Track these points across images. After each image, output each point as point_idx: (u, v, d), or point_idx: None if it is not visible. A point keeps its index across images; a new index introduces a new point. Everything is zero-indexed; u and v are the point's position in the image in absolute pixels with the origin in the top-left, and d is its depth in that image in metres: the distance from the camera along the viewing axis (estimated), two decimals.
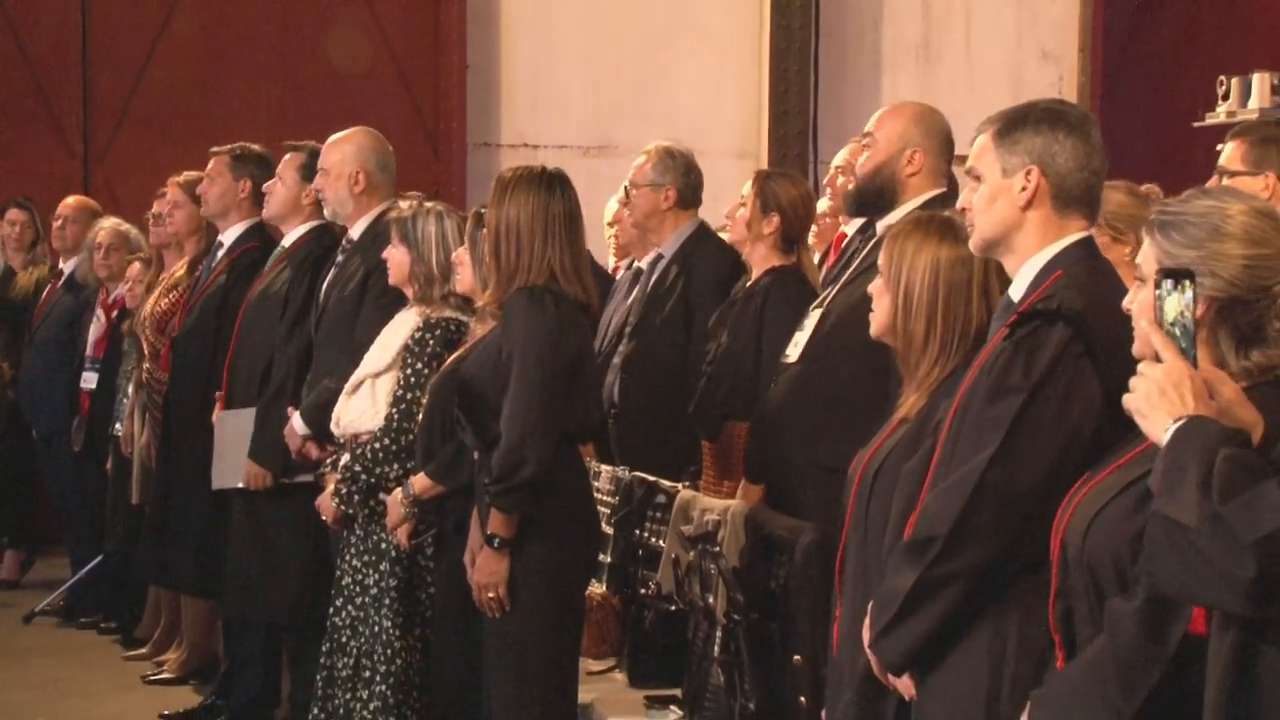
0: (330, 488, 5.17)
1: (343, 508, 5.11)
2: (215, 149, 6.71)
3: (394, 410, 5.04)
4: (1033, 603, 2.96)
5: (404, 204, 5.39)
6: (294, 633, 5.91)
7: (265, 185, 6.24)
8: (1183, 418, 2.44)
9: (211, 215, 6.70)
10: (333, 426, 5.28)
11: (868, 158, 4.65)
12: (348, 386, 5.25)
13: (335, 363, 5.50)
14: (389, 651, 5.07)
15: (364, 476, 5.06)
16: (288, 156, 6.18)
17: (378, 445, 5.04)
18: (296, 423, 5.63)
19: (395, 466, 5.02)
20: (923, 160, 4.59)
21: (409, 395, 5.02)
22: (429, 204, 5.37)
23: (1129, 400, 2.52)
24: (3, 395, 8.52)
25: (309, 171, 6.00)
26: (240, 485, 5.91)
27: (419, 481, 4.83)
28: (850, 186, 4.95)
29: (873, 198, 4.62)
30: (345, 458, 5.14)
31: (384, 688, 5.06)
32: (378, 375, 5.17)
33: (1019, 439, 3.01)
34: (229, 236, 6.58)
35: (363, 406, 5.18)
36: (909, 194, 4.55)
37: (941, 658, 3.11)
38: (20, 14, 10.06)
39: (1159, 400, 2.47)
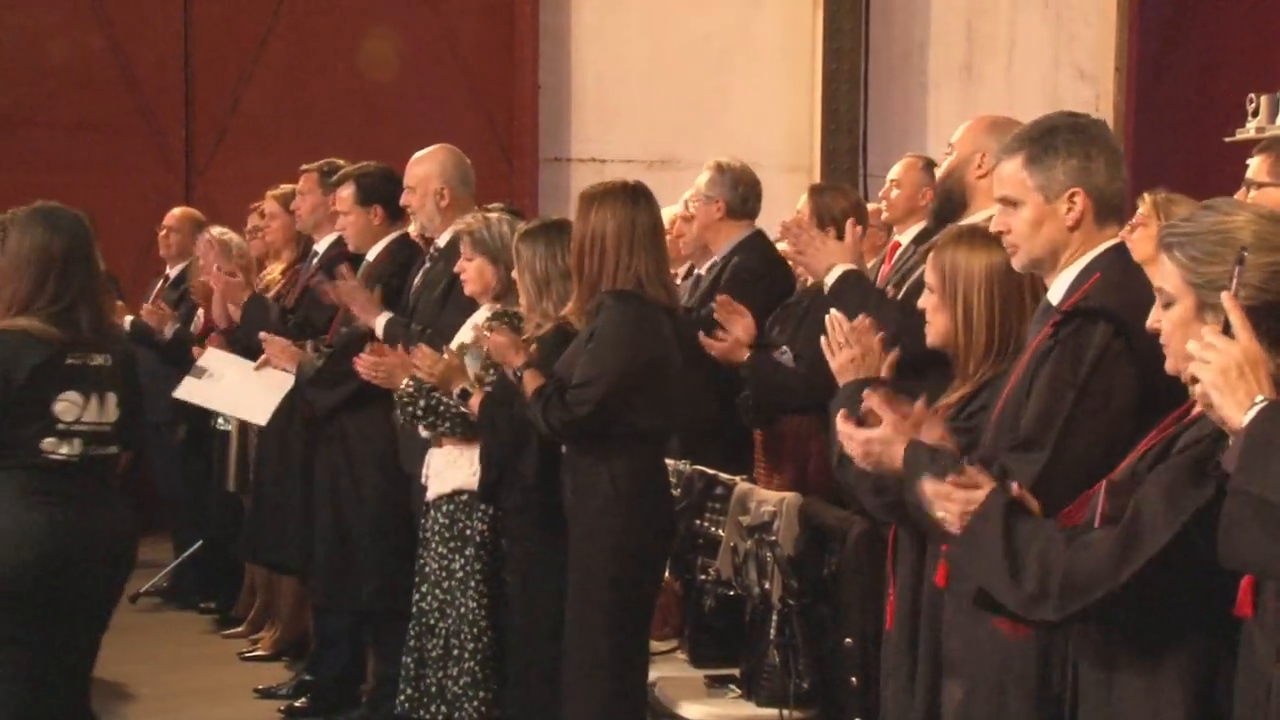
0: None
1: (405, 422, 5.23)
2: (305, 166, 6.76)
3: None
4: None
5: (469, 218, 5.42)
6: (377, 614, 5.95)
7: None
8: (1263, 400, 2.36)
9: (305, 229, 6.76)
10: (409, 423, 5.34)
11: (944, 165, 4.64)
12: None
13: None
14: (475, 630, 5.12)
15: (420, 401, 5.15)
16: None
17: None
18: (381, 319, 5.69)
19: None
20: (991, 165, 4.54)
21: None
22: (493, 214, 5.39)
23: (1202, 381, 2.41)
24: None
25: (365, 195, 6.08)
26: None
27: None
28: None
29: (943, 202, 4.59)
30: (407, 383, 5.20)
31: (473, 664, 5.12)
32: None
33: (1069, 432, 3.00)
34: (322, 245, 6.63)
35: None
36: (980, 199, 4.51)
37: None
38: (127, 41, 10.16)
39: (1237, 381, 2.37)
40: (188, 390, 6.16)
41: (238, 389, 6.28)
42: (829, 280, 4.62)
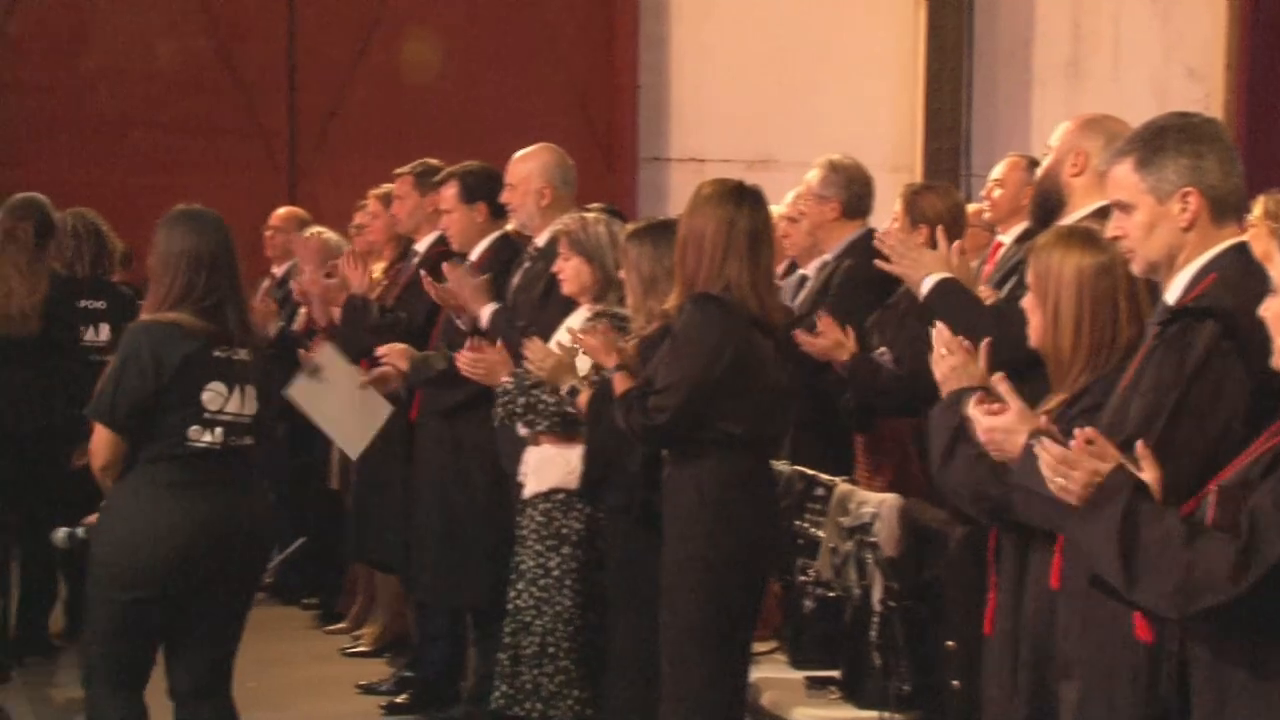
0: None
1: (502, 419, 5.28)
2: (399, 170, 6.83)
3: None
4: None
5: (567, 218, 5.45)
6: (480, 612, 6.00)
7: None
8: None
9: (405, 231, 6.83)
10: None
11: (1042, 166, 4.63)
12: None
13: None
14: (571, 629, 5.15)
15: (520, 398, 5.19)
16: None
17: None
18: (488, 309, 5.76)
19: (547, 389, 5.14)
20: (1085, 163, 4.51)
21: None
22: (590, 215, 5.42)
23: None
24: None
25: (469, 193, 6.12)
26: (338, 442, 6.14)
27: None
28: None
29: (1041, 202, 4.58)
30: (506, 379, 5.26)
31: (568, 663, 5.15)
32: None
33: (1174, 432, 2.98)
34: (422, 245, 6.69)
35: None
36: (1076, 199, 4.48)
37: None
38: (233, 43, 10.31)
39: None
40: (299, 391, 6.22)
41: (342, 407, 6.29)
42: (924, 289, 4.62)
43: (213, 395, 4.59)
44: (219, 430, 4.58)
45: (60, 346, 6.68)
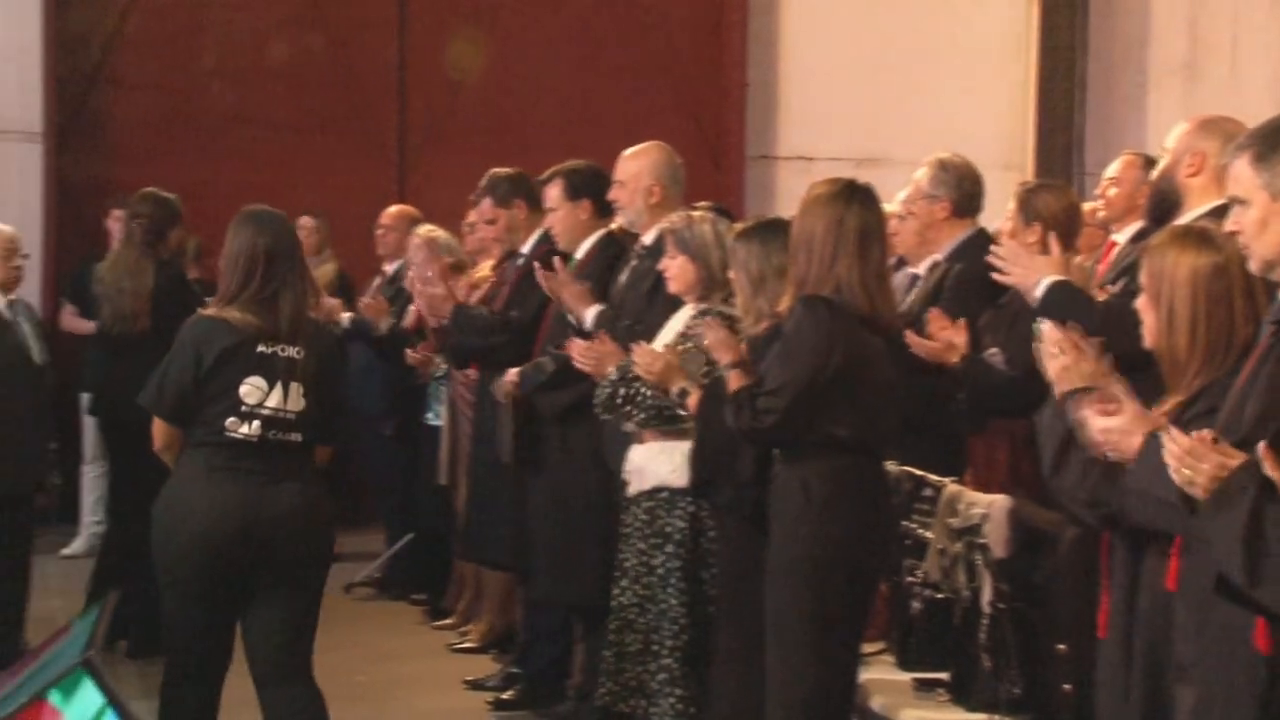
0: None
1: (602, 412, 5.31)
2: (472, 197, 6.93)
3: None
4: None
5: (674, 216, 5.47)
6: (586, 609, 6.03)
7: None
8: None
9: (511, 246, 6.88)
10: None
11: (1159, 168, 4.60)
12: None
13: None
14: (675, 628, 5.17)
15: (621, 389, 5.22)
16: (549, 186, 6.34)
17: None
18: (591, 312, 5.78)
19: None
20: (1202, 164, 4.48)
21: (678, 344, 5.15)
22: (696, 213, 5.44)
23: None
24: None
25: (574, 191, 6.15)
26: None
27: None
28: None
29: (1157, 202, 4.55)
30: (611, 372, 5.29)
31: (671, 661, 5.17)
32: None
33: None
34: (528, 245, 6.72)
35: None
36: (1192, 199, 4.44)
37: None
38: (345, 41, 10.45)
39: None
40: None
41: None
42: (1038, 293, 4.60)
43: (250, 389, 4.74)
44: (256, 423, 4.73)
45: (168, 341, 6.81)
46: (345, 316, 8.28)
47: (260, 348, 4.76)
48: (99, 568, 7.49)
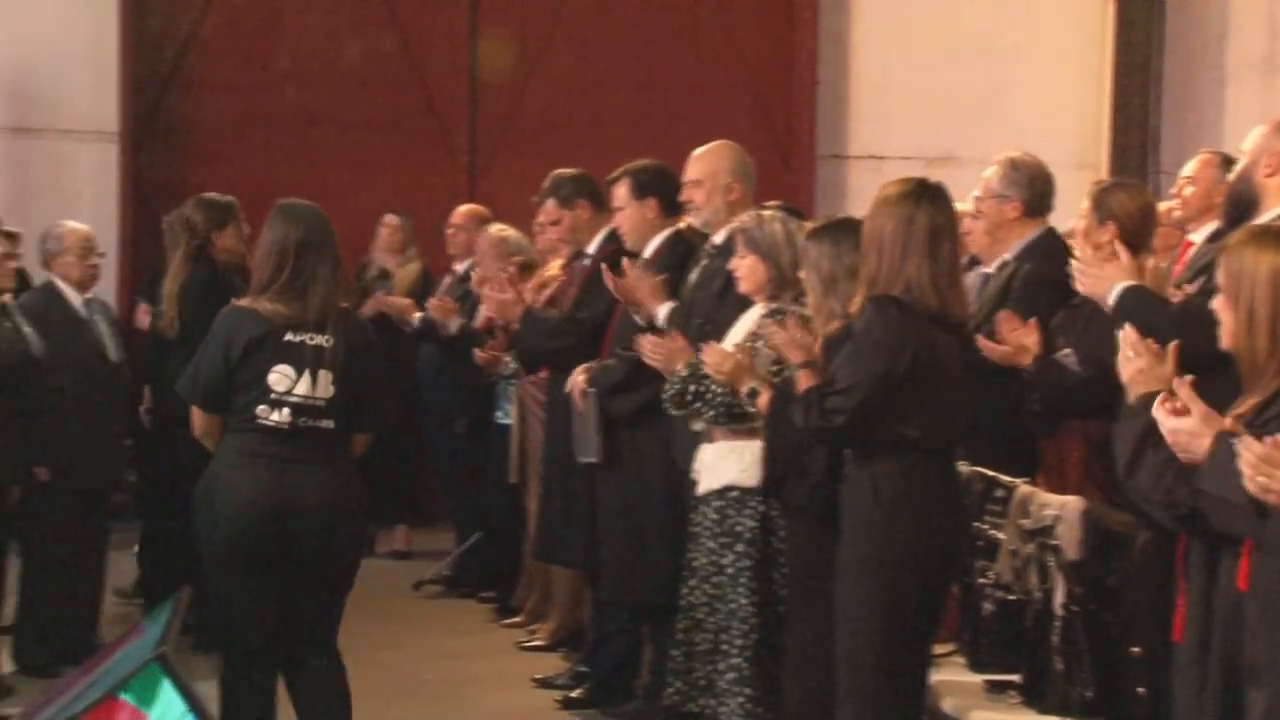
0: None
1: (670, 408, 5.29)
2: (536, 199, 6.94)
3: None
4: None
5: (744, 215, 5.46)
6: (656, 608, 6.03)
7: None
8: None
9: (577, 247, 6.89)
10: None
11: (1236, 169, 4.57)
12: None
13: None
14: (745, 627, 5.17)
15: (691, 386, 5.21)
16: (616, 185, 6.35)
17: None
18: (664, 308, 5.76)
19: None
20: (1279, 165, 4.44)
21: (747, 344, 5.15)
22: (766, 212, 5.42)
23: None
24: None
25: (641, 190, 6.16)
26: (593, 460, 6.07)
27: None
28: None
29: (1234, 203, 4.51)
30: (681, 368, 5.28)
31: (740, 660, 5.16)
32: None
33: None
34: (594, 245, 6.74)
35: None
36: (1269, 199, 4.39)
37: None
38: (417, 41, 10.51)
39: None
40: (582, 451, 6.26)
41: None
42: (1111, 300, 4.56)
43: (279, 377, 4.87)
44: (286, 410, 4.87)
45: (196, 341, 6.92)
46: (416, 317, 8.31)
47: (288, 336, 4.88)
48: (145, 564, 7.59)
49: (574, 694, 6.51)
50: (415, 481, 9.32)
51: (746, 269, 5.30)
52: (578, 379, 6.18)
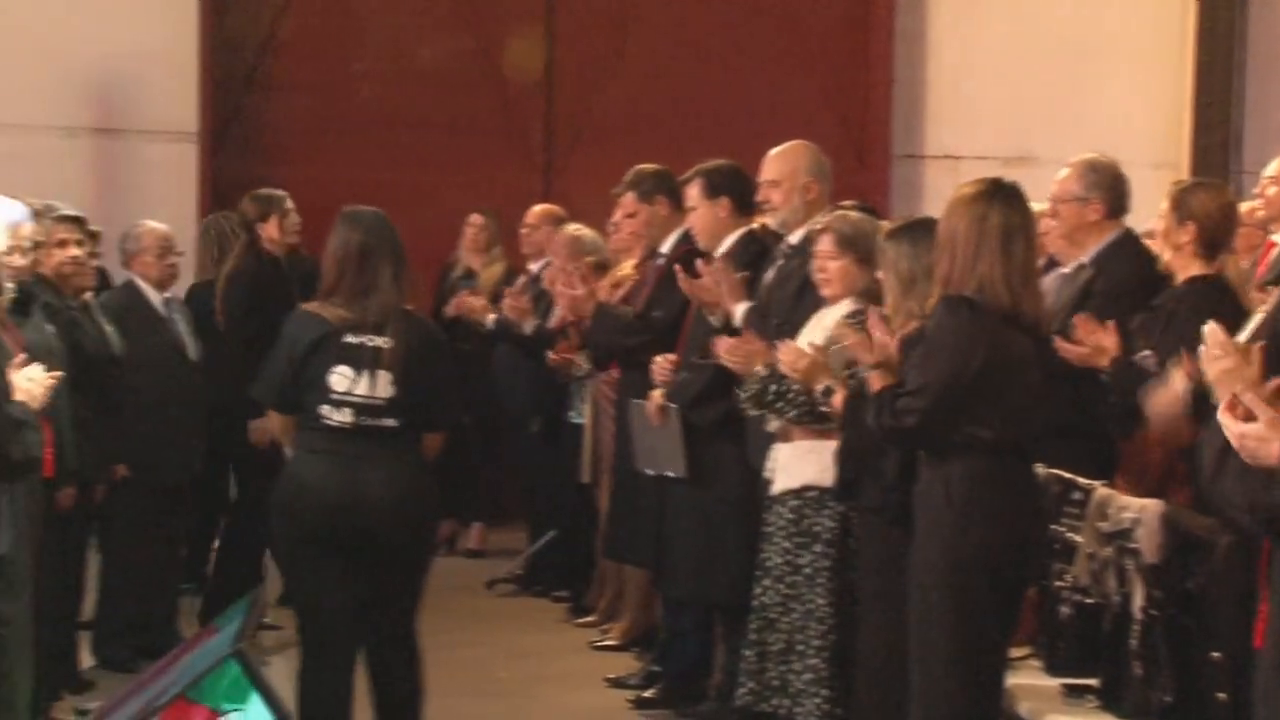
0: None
1: (750, 408, 5.29)
2: (615, 190, 6.94)
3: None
4: None
5: (831, 215, 5.43)
6: (728, 608, 6.02)
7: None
8: None
9: (650, 243, 6.88)
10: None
11: None
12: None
13: None
14: (823, 628, 5.15)
15: (772, 385, 5.21)
16: (689, 185, 6.34)
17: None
18: (741, 307, 5.75)
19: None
20: None
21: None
22: (855, 213, 5.39)
23: None
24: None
25: (713, 189, 6.15)
26: (660, 473, 6.05)
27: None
28: None
29: None
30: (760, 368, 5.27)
31: (818, 660, 5.15)
32: None
33: None
34: (667, 244, 6.74)
35: None
36: None
37: None
38: (492, 42, 10.54)
39: None
40: (643, 461, 6.30)
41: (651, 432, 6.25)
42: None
43: (339, 378, 5.02)
44: (348, 410, 5.02)
45: (232, 336, 7.29)
46: (490, 318, 8.33)
47: (348, 338, 5.03)
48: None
49: (646, 694, 6.51)
50: (489, 480, 9.35)
51: (838, 270, 5.26)
52: (655, 396, 6.16)
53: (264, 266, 7.46)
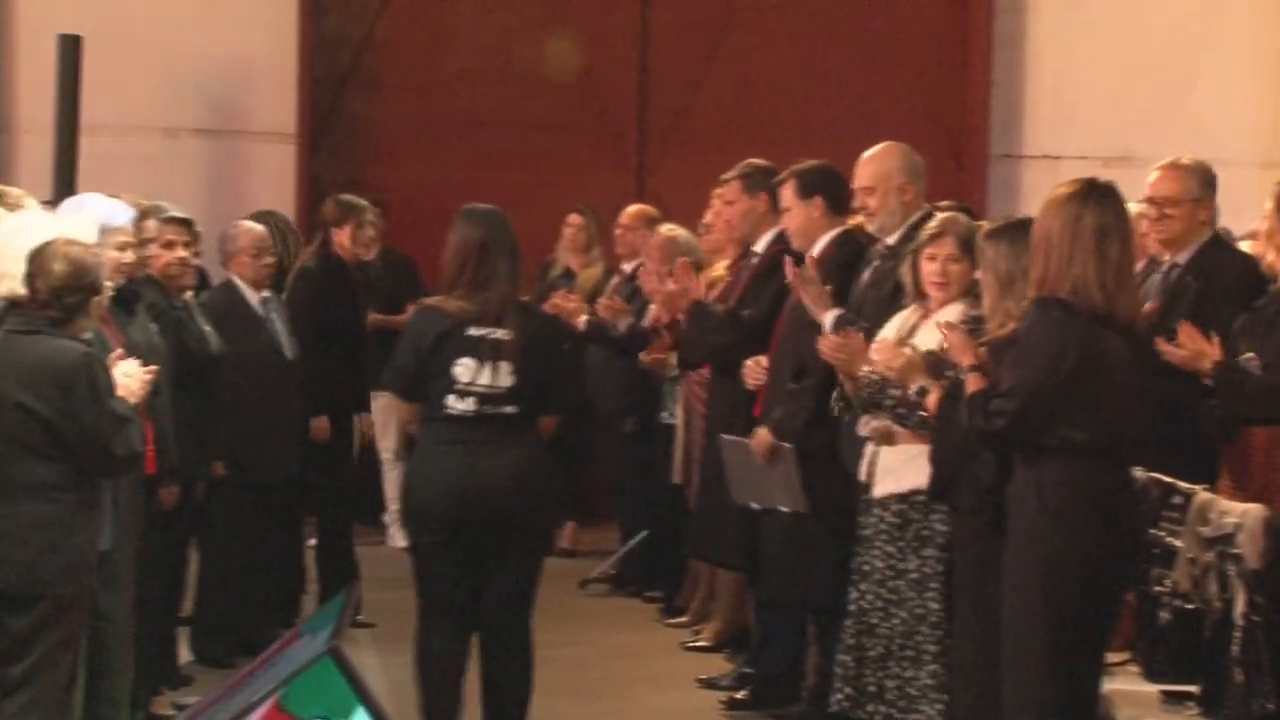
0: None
1: (858, 410, 5.31)
2: (725, 175, 6.90)
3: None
4: None
5: (954, 216, 5.37)
6: (821, 611, 5.99)
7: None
8: None
9: (740, 235, 6.86)
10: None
11: None
12: None
13: None
14: (939, 633, 5.10)
15: (891, 389, 5.21)
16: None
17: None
18: (830, 315, 5.74)
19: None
20: None
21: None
22: (963, 215, 5.35)
23: None
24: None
25: (806, 189, 6.13)
26: (772, 507, 6.02)
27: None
28: None
29: None
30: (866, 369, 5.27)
31: (936, 666, 5.10)
32: None
33: None
34: (761, 243, 6.71)
35: None
36: None
37: None
38: (587, 42, 10.56)
39: None
40: (740, 494, 6.22)
41: (760, 471, 6.11)
42: None
43: (464, 369, 5.34)
44: (471, 400, 5.34)
45: (301, 327, 7.41)
46: (582, 319, 8.34)
47: (471, 331, 5.35)
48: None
49: (738, 695, 6.49)
50: (582, 480, 9.37)
51: (959, 273, 5.20)
52: (761, 434, 6.03)
53: (331, 268, 7.62)
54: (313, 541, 7.89)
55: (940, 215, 5.47)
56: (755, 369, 6.29)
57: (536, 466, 5.44)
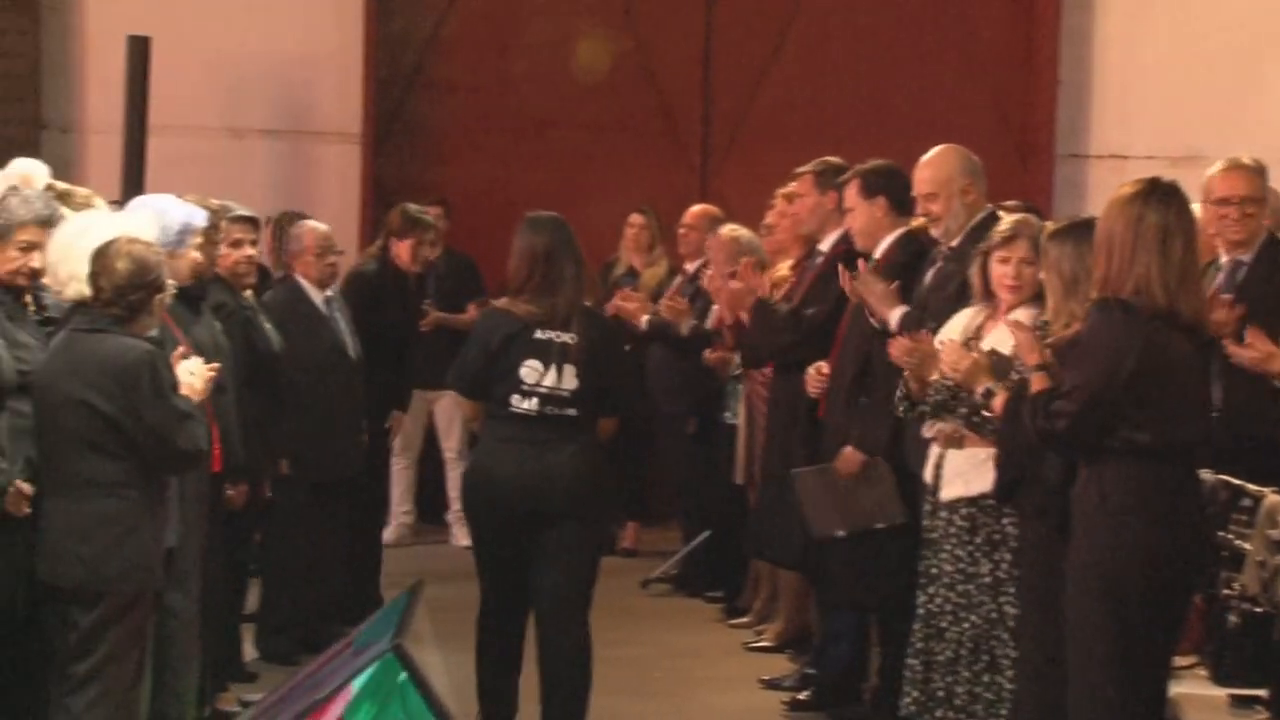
0: None
1: (930, 414, 5.27)
2: (799, 169, 6.87)
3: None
4: None
5: (1027, 218, 5.32)
6: (885, 613, 5.96)
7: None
8: None
9: (808, 230, 6.83)
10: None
11: None
12: None
13: None
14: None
15: (935, 396, 5.21)
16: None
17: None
18: (896, 313, 5.75)
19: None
20: None
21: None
22: (1034, 218, 5.31)
23: None
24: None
25: (869, 189, 6.12)
26: (837, 534, 5.97)
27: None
28: None
29: None
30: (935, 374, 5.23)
31: (1015, 672, 5.04)
32: None
33: None
34: (826, 244, 6.69)
35: None
36: None
37: None
38: (651, 43, 10.55)
39: None
40: (816, 527, 6.12)
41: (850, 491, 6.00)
42: None
43: (530, 370, 5.53)
44: (535, 400, 5.54)
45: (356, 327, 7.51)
46: (644, 319, 8.33)
47: (538, 334, 5.54)
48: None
49: (800, 696, 6.48)
50: (644, 480, 9.37)
51: (1032, 275, 5.13)
52: (848, 454, 5.93)
53: (386, 273, 7.76)
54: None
55: (1012, 217, 5.42)
56: (816, 377, 6.26)
57: (589, 464, 5.59)
